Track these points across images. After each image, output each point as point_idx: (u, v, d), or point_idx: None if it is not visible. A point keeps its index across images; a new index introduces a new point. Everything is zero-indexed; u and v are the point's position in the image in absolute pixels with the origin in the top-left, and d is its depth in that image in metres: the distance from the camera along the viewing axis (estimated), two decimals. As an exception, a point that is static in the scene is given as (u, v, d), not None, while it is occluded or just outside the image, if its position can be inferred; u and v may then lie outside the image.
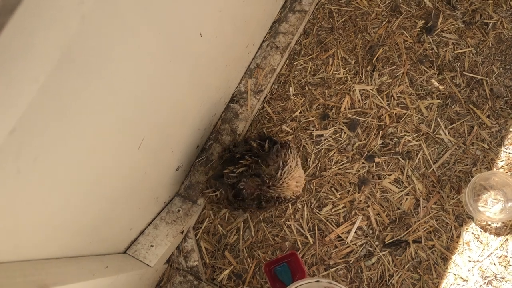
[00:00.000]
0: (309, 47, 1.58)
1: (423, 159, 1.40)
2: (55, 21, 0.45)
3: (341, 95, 1.50)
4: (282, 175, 1.14)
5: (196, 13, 0.97)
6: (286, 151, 1.16)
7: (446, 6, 1.56)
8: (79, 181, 0.81)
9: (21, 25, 0.43)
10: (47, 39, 0.46)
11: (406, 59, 1.51)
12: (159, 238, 1.26)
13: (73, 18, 0.48)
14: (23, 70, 0.45)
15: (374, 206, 1.36)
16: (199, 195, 1.36)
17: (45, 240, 0.81)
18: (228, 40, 1.25)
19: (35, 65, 0.46)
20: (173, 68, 0.96)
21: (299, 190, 1.24)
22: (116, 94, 0.79)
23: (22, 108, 0.47)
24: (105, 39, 0.66)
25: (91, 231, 0.97)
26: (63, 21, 0.47)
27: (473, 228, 1.32)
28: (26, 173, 0.61)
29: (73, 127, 0.70)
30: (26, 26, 0.43)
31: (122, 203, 1.04)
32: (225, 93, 1.42)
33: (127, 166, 0.97)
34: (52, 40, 0.47)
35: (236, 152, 1.19)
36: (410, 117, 1.45)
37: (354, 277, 1.31)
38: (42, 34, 0.45)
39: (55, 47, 0.47)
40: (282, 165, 1.14)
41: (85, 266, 0.92)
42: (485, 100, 1.44)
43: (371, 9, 1.60)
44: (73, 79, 0.62)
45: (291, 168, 1.16)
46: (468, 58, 1.49)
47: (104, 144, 0.84)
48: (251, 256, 1.36)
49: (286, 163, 1.14)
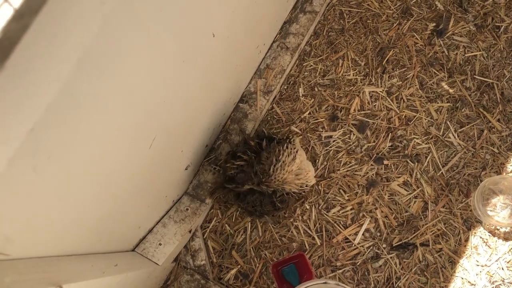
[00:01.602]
0: (319, 48, 1.57)
1: (432, 162, 1.39)
2: (77, 22, 0.46)
3: (350, 97, 1.49)
4: (274, 171, 1.15)
5: (210, 13, 0.98)
6: (282, 147, 1.18)
7: (458, 9, 1.55)
8: (91, 180, 0.82)
9: (45, 25, 0.43)
10: (69, 39, 0.47)
11: (417, 62, 1.51)
12: (167, 237, 1.27)
13: (95, 18, 0.48)
14: (45, 70, 0.45)
15: (382, 208, 1.36)
16: (208, 195, 1.36)
17: (57, 237, 0.81)
18: (239, 41, 1.25)
19: (57, 65, 0.46)
20: (186, 68, 0.97)
21: (305, 183, 1.25)
22: (130, 94, 0.79)
23: (43, 107, 0.48)
24: (122, 39, 0.66)
25: (101, 229, 0.97)
26: (85, 21, 0.47)
27: (481, 232, 1.32)
28: (41, 171, 0.61)
29: (87, 126, 0.71)
30: (49, 27, 0.44)
31: (132, 201, 1.05)
32: (235, 93, 1.42)
33: (138, 165, 0.98)
34: (73, 40, 0.47)
35: (237, 151, 1.23)
36: (419, 120, 1.44)
37: (361, 279, 1.31)
38: (65, 34, 0.46)
39: (77, 47, 0.47)
40: (274, 161, 1.16)
41: (95, 263, 0.92)
42: (495, 104, 1.43)
43: (382, 11, 1.59)
44: (89, 78, 0.63)
45: (285, 163, 1.17)
46: (479, 61, 1.48)
47: (117, 143, 0.84)
48: (258, 256, 1.36)
49: (279, 159, 1.16)
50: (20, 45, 0.41)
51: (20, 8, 0.41)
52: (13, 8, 0.42)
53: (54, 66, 0.45)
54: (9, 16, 0.41)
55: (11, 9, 0.42)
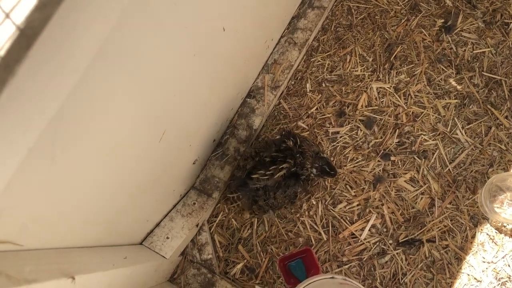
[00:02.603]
0: (327, 44, 1.57)
1: (439, 159, 1.39)
2: (97, 14, 0.46)
3: (358, 93, 1.49)
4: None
5: (221, 7, 0.98)
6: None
7: (466, 5, 1.55)
8: (104, 173, 0.82)
9: (66, 16, 0.43)
10: (89, 31, 0.47)
11: (424, 58, 1.50)
12: (174, 231, 1.27)
13: (114, 10, 0.48)
14: (66, 60, 0.45)
15: (388, 204, 1.36)
16: (215, 190, 1.37)
17: (69, 230, 0.82)
18: (248, 35, 1.25)
19: (76, 56, 0.46)
20: (196, 62, 0.97)
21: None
22: (143, 87, 0.79)
23: (63, 97, 0.48)
24: (137, 32, 0.67)
25: (111, 222, 0.98)
26: (104, 13, 0.47)
27: (488, 229, 1.32)
28: (59, 161, 0.62)
29: (101, 118, 0.71)
30: (70, 17, 0.44)
31: (141, 195, 1.05)
32: (243, 88, 1.42)
33: (148, 158, 0.98)
34: (93, 32, 0.47)
35: (265, 156, 1.21)
36: (427, 116, 1.44)
37: (367, 274, 1.31)
38: (85, 26, 0.46)
39: (96, 39, 0.48)
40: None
41: (106, 256, 0.93)
42: (503, 101, 1.43)
43: (390, 7, 1.59)
44: (105, 70, 0.63)
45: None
46: (487, 58, 1.48)
47: (129, 136, 0.84)
48: (264, 250, 1.36)
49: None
50: (42, 35, 0.41)
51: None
52: (36, -2, 0.42)
53: (74, 57, 0.46)
54: (32, 6, 0.41)
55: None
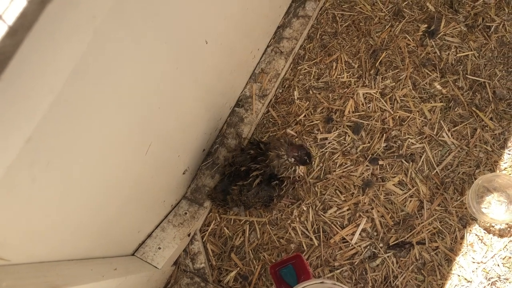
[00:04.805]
0: (313, 52, 1.60)
1: (427, 162, 1.41)
2: (69, 36, 0.48)
3: (345, 99, 1.52)
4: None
5: (202, 21, 1.00)
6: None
7: (449, 10, 1.58)
8: (89, 187, 0.84)
9: (37, 41, 0.45)
10: (61, 53, 0.49)
11: (409, 63, 1.53)
12: (166, 241, 1.29)
13: (86, 32, 0.50)
14: (39, 83, 0.47)
15: (378, 208, 1.38)
16: (206, 198, 1.39)
17: (57, 243, 0.83)
18: (233, 46, 1.28)
19: (50, 78, 0.49)
20: (180, 75, 0.99)
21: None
22: (124, 101, 0.82)
23: (39, 118, 0.50)
24: (115, 49, 0.69)
25: (100, 234, 0.99)
26: (77, 35, 0.49)
27: (476, 229, 1.33)
28: (40, 181, 0.64)
29: (83, 134, 0.73)
30: (42, 42, 0.46)
31: (130, 207, 1.07)
32: (231, 97, 1.45)
33: (135, 171, 1.00)
34: (66, 54, 0.49)
35: (240, 165, 1.27)
36: (413, 120, 1.46)
37: (358, 278, 1.33)
38: (58, 48, 0.48)
39: (69, 60, 0.50)
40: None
41: (95, 268, 0.95)
42: (488, 103, 1.45)
43: (374, 14, 1.62)
44: (84, 88, 0.65)
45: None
46: (471, 61, 1.50)
47: (113, 150, 0.86)
48: (257, 258, 1.38)
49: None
50: (14, 60, 0.43)
51: (13, 25, 0.44)
52: (7, 25, 0.44)
53: (48, 79, 0.48)
54: (3, 32, 0.43)
55: (5, 25, 0.44)
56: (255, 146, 1.29)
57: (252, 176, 1.24)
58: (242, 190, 1.28)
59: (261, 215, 1.41)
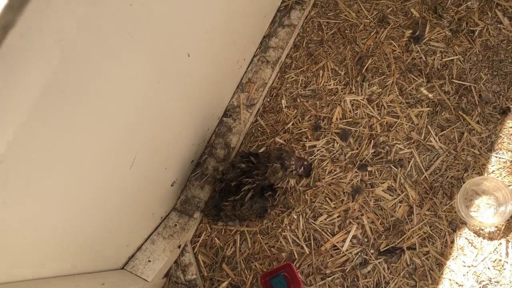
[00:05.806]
0: (299, 60, 1.61)
1: (415, 167, 1.42)
2: (35, 59, 0.49)
3: (332, 106, 1.52)
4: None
5: (182, 35, 1.01)
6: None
7: (433, 15, 1.59)
8: (72, 204, 0.84)
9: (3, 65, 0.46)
10: (29, 75, 0.49)
11: (395, 69, 1.54)
12: (156, 253, 1.29)
13: (53, 54, 0.51)
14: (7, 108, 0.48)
15: (368, 214, 1.38)
16: (196, 209, 1.39)
17: (40, 260, 0.83)
18: (217, 58, 1.29)
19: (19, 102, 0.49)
20: (162, 88, 1.00)
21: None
22: (104, 117, 0.82)
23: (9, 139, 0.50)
24: (90, 66, 0.69)
25: (87, 249, 0.99)
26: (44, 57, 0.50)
27: (466, 233, 1.33)
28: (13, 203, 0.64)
29: (63, 152, 0.74)
30: (7, 66, 0.47)
31: (117, 221, 1.07)
32: (218, 108, 1.45)
33: (120, 185, 1.00)
34: (34, 76, 0.50)
35: (231, 181, 1.27)
36: (400, 125, 1.47)
37: (350, 285, 1.33)
38: (24, 71, 0.49)
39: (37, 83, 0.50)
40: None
41: (81, 283, 0.94)
42: (474, 107, 1.46)
43: (359, 21, 1.63)
44: (60, 106, 0.66)
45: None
46: (456, 65, 1.51)
47: (96, 166, 0.87)
48: (248, 267, 1.38)
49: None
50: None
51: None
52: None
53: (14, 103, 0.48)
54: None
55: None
56: (246, 159, 1.29)
57: (244, 190, 1.24)
58: (235, 206, 1.28)
59: (252, 225, 1.41)
